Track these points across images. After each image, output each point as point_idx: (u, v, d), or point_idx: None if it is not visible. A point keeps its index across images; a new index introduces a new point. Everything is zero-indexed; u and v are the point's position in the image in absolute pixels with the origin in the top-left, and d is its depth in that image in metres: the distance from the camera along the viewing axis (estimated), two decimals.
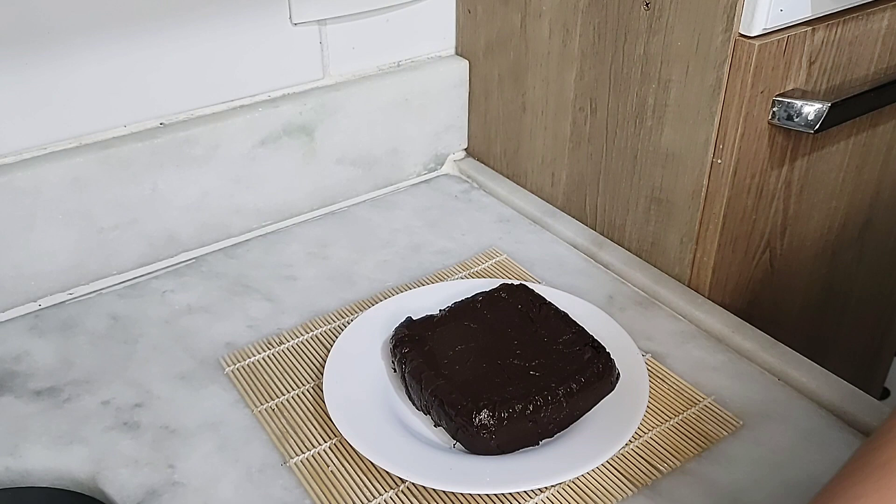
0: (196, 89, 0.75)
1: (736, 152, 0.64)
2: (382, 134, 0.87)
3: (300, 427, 0.60)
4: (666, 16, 0.65)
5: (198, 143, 0.75)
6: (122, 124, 0.73)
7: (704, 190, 0.67)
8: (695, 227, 0.69)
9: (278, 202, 0.82)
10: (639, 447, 0.58)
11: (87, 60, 0.68)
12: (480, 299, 0.66)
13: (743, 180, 0.66)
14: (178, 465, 0.57)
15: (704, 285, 0.71)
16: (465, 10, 0.87)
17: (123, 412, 0.61)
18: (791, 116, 0.64)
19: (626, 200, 0.75)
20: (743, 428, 0.59)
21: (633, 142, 0.72)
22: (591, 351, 0.60)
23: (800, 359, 0.65)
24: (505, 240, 0.82)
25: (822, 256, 0.77)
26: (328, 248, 0.80)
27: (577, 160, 0.79)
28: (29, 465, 0.57)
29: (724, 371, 0.65)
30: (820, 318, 0.82)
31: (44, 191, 0.68)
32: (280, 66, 0.79)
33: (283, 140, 0.80)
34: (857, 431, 0.59)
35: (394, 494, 0.54)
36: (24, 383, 0.64)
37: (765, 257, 0.72)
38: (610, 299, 0.73)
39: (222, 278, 0.76)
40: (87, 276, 0.73)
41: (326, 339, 0.68)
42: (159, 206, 0.75)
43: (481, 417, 0.54)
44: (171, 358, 0.66)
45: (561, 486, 0.55)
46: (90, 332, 0.69)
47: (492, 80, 0.87)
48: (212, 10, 0.72)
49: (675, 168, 0.69)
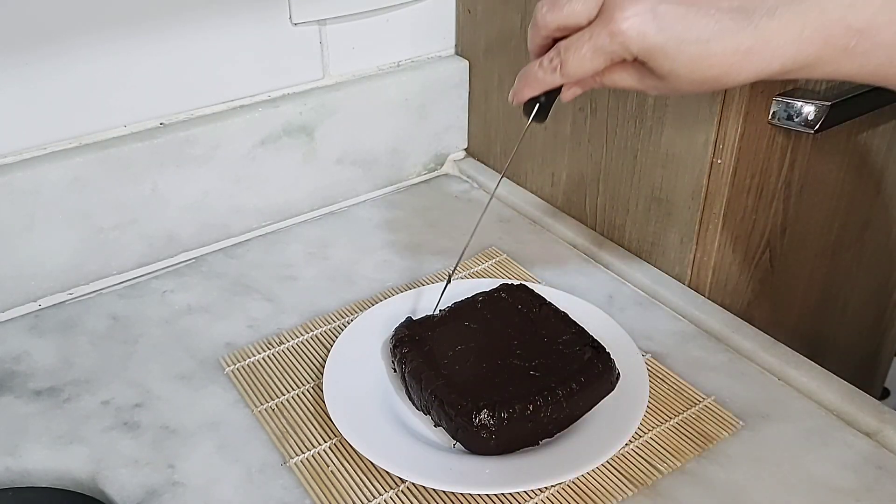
0: (196, 89, 0.75)
1: (736, 152, 0.64)
2: (382, 134, 0.87)
3: (300, 427, 0.60)
4: None
5: (198, 143, 0.75)
6: (122, 124, 0.73)
7: (704, 190, 0.67)
8: (695, 227, 0.69)
9: (278, 202, 0.82)
10: (639, 447, 0.58)
11: (87, 60, 0.68)
12: (480, 299, 0.66)
13: (743, 180, 0.66)
14: (178, 465, 0.57)
15: (704, 285, 0.71)
16: (465, 10, 0.87)
17: (123, 412, 0.61)
18: (791, 116, 0.63)
19: (626, 200, 0.75)
20: (743, 428, 0.59)
21: (633, 142, 0.72)
22: (591, 351, 0.60)
23: (800, 359, 0.65)
24: (505, 240, 0.82)
25: (822, 256, 0.77)
26: (328, 248, 0.80)
27: (577, 160, 0.79)
28: (29, 465, 0.57)
29: (724, 371, 0.65)
30: (820, 318, 0.82)
31: (44, 191, 0.68)
32: (280, 66, 0.79)
33: (283, 140, 0.80)
34: (857, 431, 0.59)
35: (394, 494, 0.54)
36: (24, 383, 0.64)
37: (765, 257, 0.72)
38: (610, 299, 0.73)
39: (222, 278, 0.76)
40: (87, 276, 0.73)
41: (326, 339, 0.68)
42: (159, 206, 0.75)
43: (481, 417, 0.54)
44: (171, 358, 0.66)
45: (561, 486, 0.55)
46: (90, 332, 0.69)
47: (492, 80, 0.87)
48: (212, 10, 0.72)
49: (675, 168, 0.69)
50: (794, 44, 0.43)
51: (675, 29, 0.43)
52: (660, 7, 0.43)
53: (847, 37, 0.43)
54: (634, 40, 0.44)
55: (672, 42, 0.43)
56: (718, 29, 0.43)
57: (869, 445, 0.58)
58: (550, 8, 0.47)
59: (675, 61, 0.44)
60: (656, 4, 0.43)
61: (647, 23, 0.43)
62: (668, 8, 0.43)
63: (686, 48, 0.43)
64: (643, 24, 0.43)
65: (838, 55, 0.43)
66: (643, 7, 0.43)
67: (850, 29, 0.42)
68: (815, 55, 0.43)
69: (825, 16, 0.42)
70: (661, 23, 0.43)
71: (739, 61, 0.44)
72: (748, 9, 0.43)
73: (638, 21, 0.43)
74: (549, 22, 0.47)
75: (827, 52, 0.43)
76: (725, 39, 0.43)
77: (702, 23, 0.43)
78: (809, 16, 0.42)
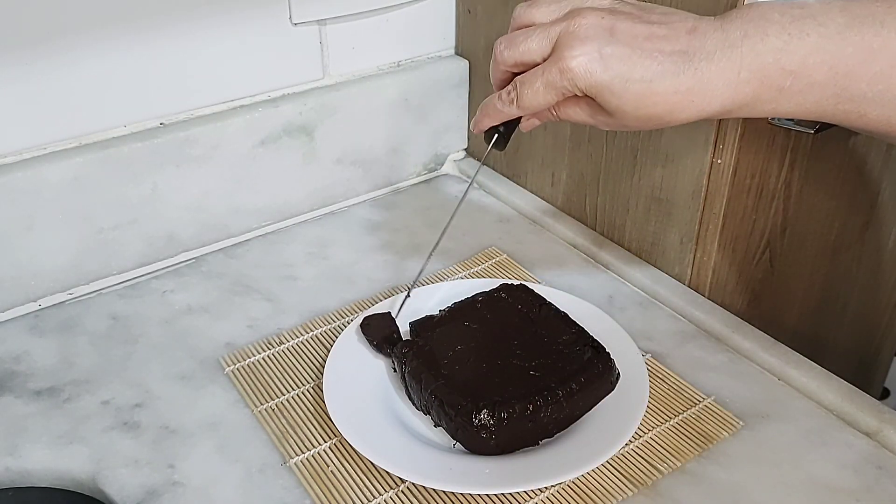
0: (196, 89, 0.75)
1: (736, 152, 0.64)
2: (382, 134, 0.87)
3: (300, 427, 0.60)
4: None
5: (198, 143, 0.75)
6: (122, 124, 0.73)
7: (704, 190, 0.67)
8: (695, 227, 0.69)
9: (278, 202, 0.82)
10: (639, 447, 0.58)
11: (86, 60, 0.68)
12: (480, 299, 0.66)
13: (743, 180, 0.66)
14: (178, 465, 0.57)
15: (704, 285, 0.71)
16: (465, 10, 0.87)
17: (123, 412, 0.61)
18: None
19: (626, 200, 0.75)
20: (743, 428, 0.59)
21: (633, 142, 0.72)
22: (591, 351, 0.60)
23: (800, 359, 0.65)
24: (505, 240, 0.82)
25: (822, 256, 0.77)
26: (328, 248, 0.80)
27: (577, 160, 0.79)
28: (29, 465, 0.57)
29: (724, 371, 0.65)
30: (820, 318, 0.82)
31: (44, 191, 0.68)
32: (280, 66, 0.79)
33: (283, 140, 0.80)
34: (857, 431, 0.59)
35: (394, 494, 0.54)
36: (24, 383, 0.64)
37: (765, 257, 0.72)
38: (610, 299, 0.73)
39: (222, 278, 0.76)
40: (87, 276, 0.73)
41: (326, 339, 0.68)
42: (159, 206, 0.75)
43: (481, 417, 0.54)
44: (171, 358, 0.66)
45: (561, 486, 0.55)
46: (90, 332, 0.69)
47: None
48: (212, 9, 0.72)
49: (675, 168, 0.69)
50: (732, 85, 0.46)
51: (618, 68, 0.46)
52: (606, 48, 0.46)
53: (782, 78, 0.45)
54: (582, 77, 0.47)
55: (617, 80, 0.46)
56: (661, 70, 0.46)
57: (869, 445, 0.58)
58: (507, 45, 0.50)
59: (621, 98, 0.47)
60: (603, 45, 0.46)
61: (594, 62, 0.46)
62: (614, 49, 0.46)
63: (631, 87, 0.46)
64: (590, 62, 0.46)
65: (775, 95, 0.46)
66: (591, 47, 0.46)
67: (783, 70, 0.45)
68: (752, 95, 0.46)
69: (759, 59, 0.45)
70: (607, 62, 0.46)
71: (681, 101, 0.47)
72: (689, 52, 0.46)
73: (585, 60, 0.46)
74: (507, 58, 0.51)
75: (764, 92, 0.46)
76: (667, 80, 0.46)
77: (645, 64, 0.46)
78: (745, 59, 0.45)
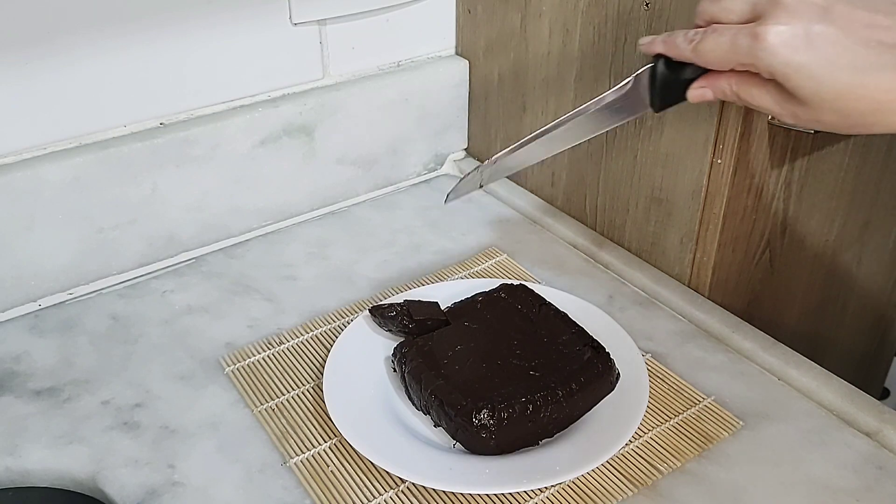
0: (196, 89, 0.75)
1: (736, 152, 0.64)
2: (382, 134, 0.87)
3: (300, 427, 0.60)
4: (666, 15, 0.65)
5: (198, 143, 0.75)
6: (122, 124, 0.73)
7: (704, 190, 0.67)
8: (695, 227, 0.69)
9: (278, 202, 0.82)
10: (639, 447, 0.58)
11: (86, 60, 0.68)
12: (480, 299, 0.66)
13: (743, 180, 0.66)
14: (178, 465, 0.57)
15: (704, 285, 0.71)
16: (465, 10, 0.87)
17: (123, 412, 0.61)
18: None
19: (626, 200, 0.75)
20: (743, 428, 0.59)
21: (633, 142, 0.72)
22: (591, 351, 0.60)
23: (800, 359, 0.65)
24: (505, 240, 0.81)
25: (822, 256, 0.77)
26: (328, 248, 0.80)
27: (577, 160, 0.79)
28: (29, 465, 0.57)
29: (724, 371, 0.65)
30: (820, 318, 0.82)
31: (44, 191, 0.68)
32: (280, 66, 0.79)
33: (283, 140, 0.80)
34: (858, 431, 0.59)
35: (394, 494, 0.54)
36: (24, 383, 0.64)
37: (765, 257, 0.72)
38: (610, 299, 0.73)
39: (222, 278, 0.76)
40: (87, 276, 0.73)
41: (326, 339, 0.68)
42: (159, 206, 0.75)
43: (481, 417, 0.54)
44: (171, 358, 0.66)
45: (561, 486, 0.55)
46: (90, 332, 0.69)
47: (492, 80, 0.87)
48: (212, 9, 0.72)
49: (675, 168, 0.69)
50: None
51: (826, 51, 0.40)
52: (816, 26, 0.40)
53: None
54: (776, 53, 0.41)
55: (821, 64, 0.40)
56: (876, 63, 0.40)
57: (869, 445, 0.58)
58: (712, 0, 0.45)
59: (822, 84, 0.41)
60: (813, 23, 0.40)
61: (797, 38, 0.40)
62: (824, 29, 0.40)
63: (836, 74, 0.40)
64: (793, 38, 0.41)
65: None
66: (798, 22, 0.40)
67: None
68: None
69: None
70: (813, 42, 0.40)
71: (892, 101, 0.40)
72: None
73: (788, 35, 0.41)
74: (705, 10, 0.46)
75: None
76: (881, 74, 0.40)
77: (858, 51, 0.40)
78: None
